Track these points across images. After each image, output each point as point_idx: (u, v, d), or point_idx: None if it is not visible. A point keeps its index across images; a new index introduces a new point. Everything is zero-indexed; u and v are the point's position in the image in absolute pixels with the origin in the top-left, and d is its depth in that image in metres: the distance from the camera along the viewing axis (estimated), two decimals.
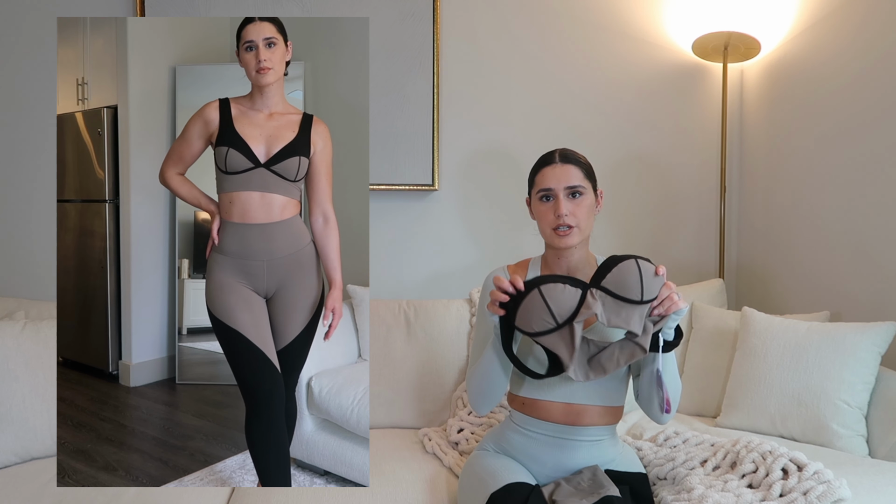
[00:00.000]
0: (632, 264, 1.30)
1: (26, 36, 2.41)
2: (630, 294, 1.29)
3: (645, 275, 1.29)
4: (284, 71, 1.65)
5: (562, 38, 2.55)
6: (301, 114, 1.69)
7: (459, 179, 2.55)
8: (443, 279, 2.55)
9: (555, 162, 1.48)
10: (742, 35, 2.35)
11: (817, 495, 1.35)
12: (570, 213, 1.44)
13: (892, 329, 1.80)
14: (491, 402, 1.48)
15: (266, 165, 1.61)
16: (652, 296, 1.30)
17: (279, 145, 1.63)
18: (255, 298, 1.67)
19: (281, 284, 1.68)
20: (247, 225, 1.63)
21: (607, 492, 1.33)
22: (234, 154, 1.59)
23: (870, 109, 1.99)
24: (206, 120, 1.64)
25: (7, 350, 1.83)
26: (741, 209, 2.63)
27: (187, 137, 1.66)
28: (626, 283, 1.29)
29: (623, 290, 1.29)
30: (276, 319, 1.69)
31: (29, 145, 2.42)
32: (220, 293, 1.64)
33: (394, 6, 2.46)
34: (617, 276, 1.30)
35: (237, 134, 1.60)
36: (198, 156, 1.69)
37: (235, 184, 1.62)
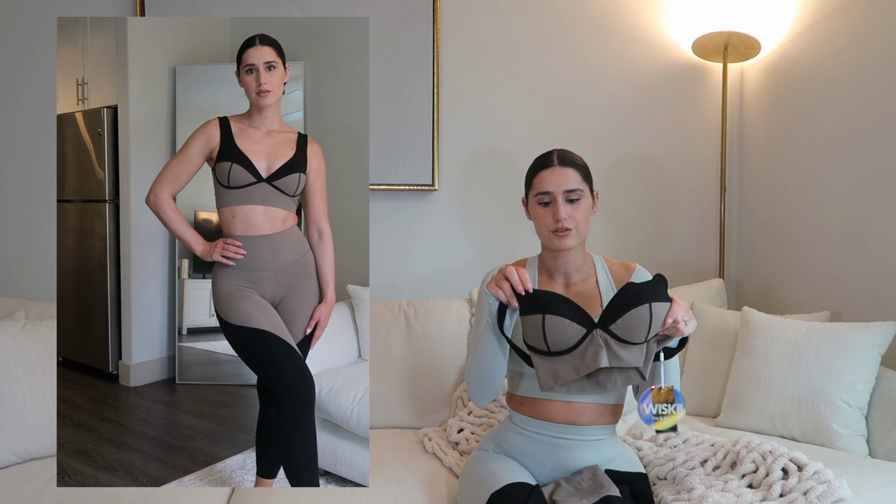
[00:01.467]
0: (644, 312, 1.27)
1: (26, 36, 2.41)
2: (636, 338, 1.28)
3: (655, 318, 1.27)
4: (282, 90, 1.70)
5: (562, 37, 2.55)
6: (297, 133, 1.76)
7: (459, 179, 2.55)
8: (443, 279, 2.55)
9: (553, 165, 1.47)
10: (742, 35, 2.35)
11: (817, 495, 1.35)
12: (568, 217, 1.45)
13: (892, 329, 1.80)
14: (489, 390, 1.47)
15: (268, 181, 1.66)
16: (658, 328, 1.28)
17: (280, 162, 1.68)
18: (267, 303, 1.70)
19: (287, 291, 1.73)
20: (251, 237, 1.67)
21: (607, 492, 1.33)
22: (238, 169, 1.63)
23: (870, 109, 1.99)
24: (208, 136, 1.66)
25: (7, 350, 1.83)
26: (741, 209, 2.63)
27: (188, 154, 1.66)
28: (635, 329, 1.27)
29: (631, 335, 1.28)
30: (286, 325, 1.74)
31: (29, 145, 2.42)
32: (232, 301, 1.66)
33: (394, 6, 2.46)
34: (628, 322, 1.28)
35: (239, 150, 1.64)
36: (193, 174, 1.69)
37: (238, 198, 1.66)
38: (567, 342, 1.30)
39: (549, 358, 1.33)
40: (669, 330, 1.29)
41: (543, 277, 1.55)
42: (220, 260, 1.66)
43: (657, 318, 1.27)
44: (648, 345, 1.30)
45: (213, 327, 3.03)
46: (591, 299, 1.51)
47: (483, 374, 1.44)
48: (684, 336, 1.31)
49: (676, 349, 1.35)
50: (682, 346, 1.35)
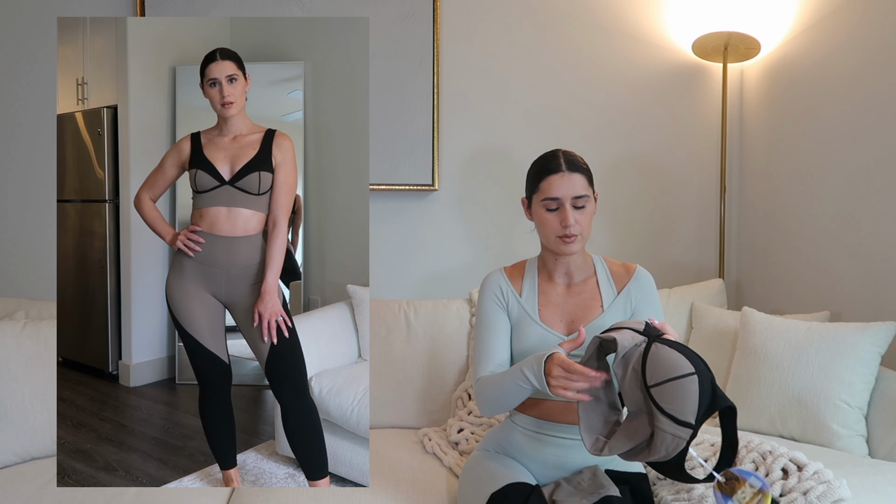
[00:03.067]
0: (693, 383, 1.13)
1: (26, 36, 2.41)
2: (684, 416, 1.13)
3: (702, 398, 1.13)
4: (245, 99, 1.83)
5: (562, 37, 2.55)
6: (264, 131, 1.83)
7: (459, 179, 2.55)
8: (443, 279, 2.55)
9: (561, 170, 1.46)
10: (742, 35, 2.35)
11: (817, 495, 1.35)
12: (575, 223, 1.45)
13: (892, 329, 1.80)
14: (503, 412, 1.49)
15: (230, 182, 1.77)
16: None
17: (241, 163, 1.78)
18: (215, 304, 1.84)
19: (241, 294, 1.80)
20: (213, 235, 1.78)
21: (607, 492, 1.33)
22: (202, 174, 1.78)
23: (869, 109, 1.99)
24: (179, 149, 1.85)
25: (7, 350, 1.83)
26: (741, 209, 2.63)
27: (162, 165, 1.87)
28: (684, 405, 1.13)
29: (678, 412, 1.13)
30: (246, 331, 1.80)
31: (29, 145, 2.42)
32: (180, 296, 1.82)
33: (394, 6, 2.46)
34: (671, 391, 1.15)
35: (205, 157, 1.79)
36: (170, 182, 1.90)
37: (205, 201, 1.79)
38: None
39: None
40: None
41: (543, 279, 1.55)
42: (181, 248, 1.79)
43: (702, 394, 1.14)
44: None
45: None
46: (592, 300, 1.51)
47: (502, 402, 1.44)
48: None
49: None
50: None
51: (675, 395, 1.14)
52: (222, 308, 1.85)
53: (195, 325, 1.82)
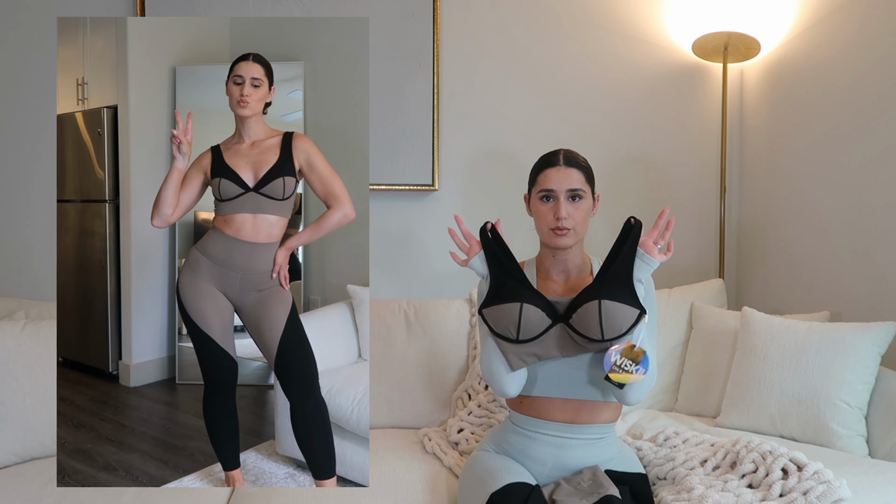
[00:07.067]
0: (594, 308, 1.40)
1: (26, 36, 2.41)
2: (591, 335, 1.41)
3: (605, 317, 1.39)
4: (264, 110, 1.84)
5: (562, 37, 2.55)
6: (281, 135, 1.83)
7: (459, 179, 2.55)
8: (443, 279, 2.55)
9: (559, 164, 1.50)
10: (742, 35, 2.35)
11: (817, 495, 1.35)
12: (568, 216, 1.47)
13: (892, 329, 1.80)
14: (504, 374, 1.47)
15: (256, 189, 1.78)
16: (611, 331, 1.40)
17: (265, 169, 1.78)
18: (226, 304, 1.84)
19: (252, 296, 1.82)
20: (236, 239, 1.79)
21: (607, 492, 1.33)
22: (226, 182, 1.77)
23: (870, 109, 1.99)
24: (200, 160, 1.83)
25: (7, 350, 1.83)
26: (741, 209, 2.63)
27: (186, 176, 1.82)
28: (588, 324, 1.41)
29: (585, 330, 1.42)
30: (255, 331, 1.82)
31: (29, 145, 2.42)
32: (193, 294, 1.81)
33: (394, 6, 2.46)
34: (582, 317, 1.41)
35: (227, 165, 1.79)
36: (195, 194, 1.84)
37: (230, 208, 1.79)
38: (534, 331, 1.44)
39: (516, 345, 1.45)
40: (646, 248, 1.46)
41: (542, 276, 1.56)
42: (175, 152, 1.74)
43: (607, 316, 1.38)
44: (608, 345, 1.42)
45: None
46: None
47: (496, 363, 1.48)
48: (651, 263, 1.46)
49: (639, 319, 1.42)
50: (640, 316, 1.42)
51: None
52: (232, 308, 1.86)
53: (208, 323, 1.82)
